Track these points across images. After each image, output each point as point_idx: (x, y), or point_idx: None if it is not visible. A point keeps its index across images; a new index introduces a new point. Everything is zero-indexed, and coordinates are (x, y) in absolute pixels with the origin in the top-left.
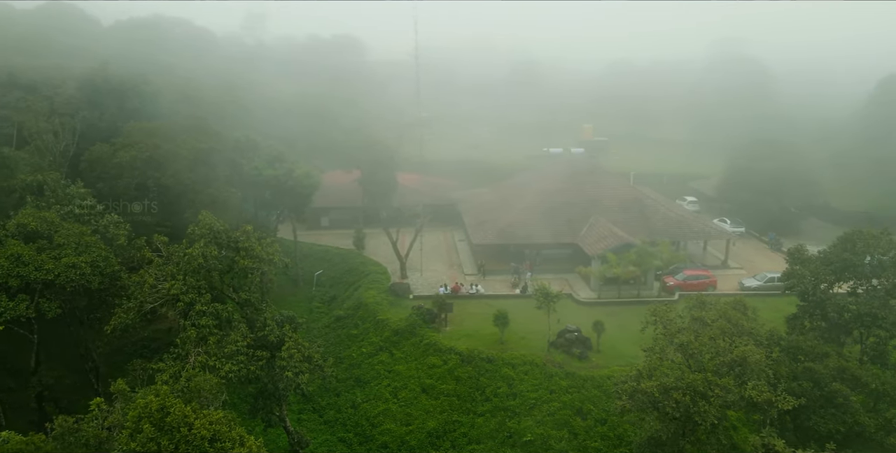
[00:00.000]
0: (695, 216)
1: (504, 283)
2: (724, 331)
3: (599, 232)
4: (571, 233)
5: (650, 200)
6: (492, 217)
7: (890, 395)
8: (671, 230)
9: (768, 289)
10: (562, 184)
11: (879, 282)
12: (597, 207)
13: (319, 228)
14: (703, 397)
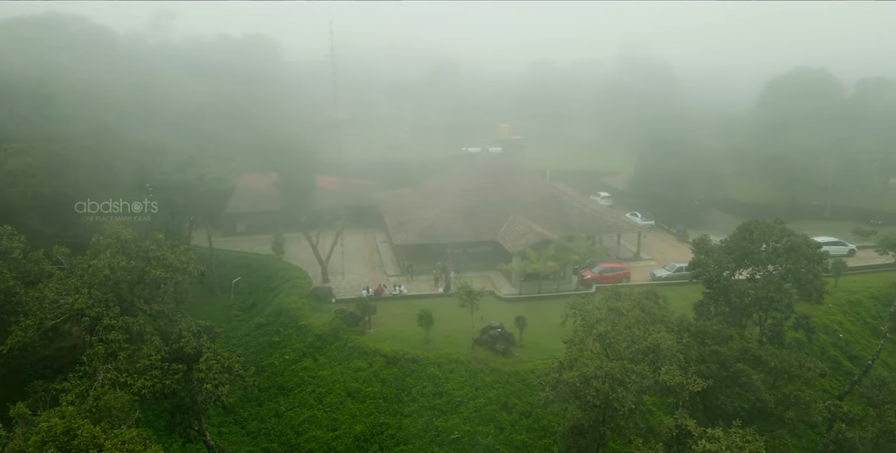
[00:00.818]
0: (608, 211)
1: (428, 283)
2: (638, 320)
3: (519, 229)
4: (492, 231)
5: (567, 197)
6: (413, 217)
7: (787, 372)
8: (587, 225)
9: (677, 279)
10: (481, 182)
11: (774, 268)
12: (516, 205)
13: (236, 234)
14: (621, 384)
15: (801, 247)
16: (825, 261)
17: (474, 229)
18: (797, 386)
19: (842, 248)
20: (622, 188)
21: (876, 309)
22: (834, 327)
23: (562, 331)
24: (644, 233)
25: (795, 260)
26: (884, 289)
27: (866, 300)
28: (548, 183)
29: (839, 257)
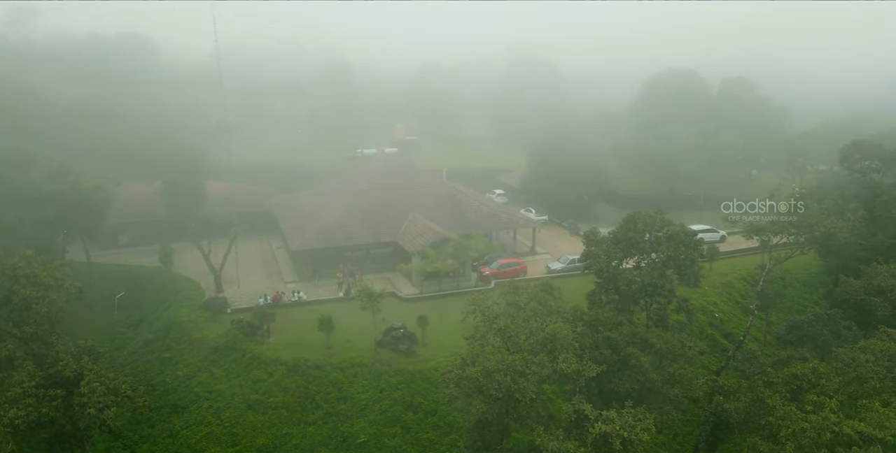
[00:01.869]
0: (504, 207)
1: (331, 288)
2: (535, 312)
3: (418, 228)
4: (391, 232)
5: (463, 195)
6: (310, 221)
7: (672, 353)
8: (484, 222)
9: (571, 270)
10: (378, 184)
11: (657, 256)
12: (413, 205)
13: (117, 246)
14: (522, 375)
15: (679, 236)
16: (701, 248)
17: (373, 231)
18: (681, 365)
19: (714, 235)
20: (516, 185)
21: (745, 289)
22: (710, 308)
23: (463, 327)
24: (538, 228)
25: (675, 247)
26: (751, 271)
27: (737, 281)
28: (444, 182)
29: (713, 243)
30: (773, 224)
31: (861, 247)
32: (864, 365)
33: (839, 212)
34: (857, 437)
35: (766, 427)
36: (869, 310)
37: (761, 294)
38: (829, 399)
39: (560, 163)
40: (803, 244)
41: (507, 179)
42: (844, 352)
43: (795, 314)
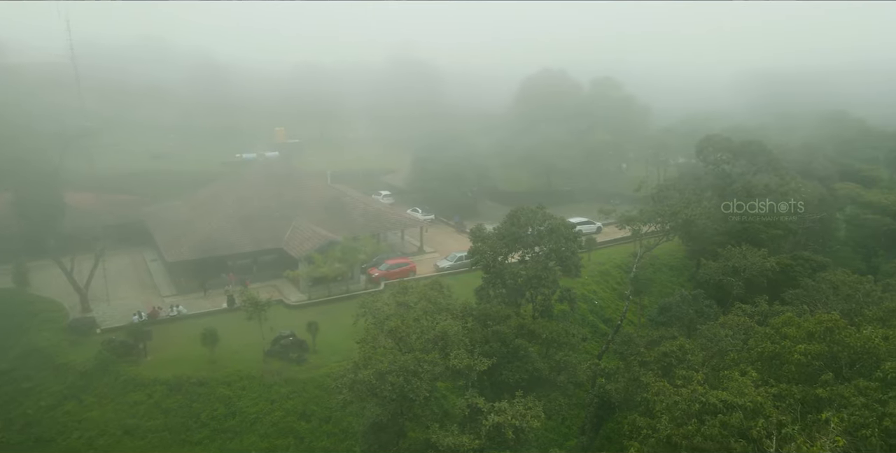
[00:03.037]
0: (391, 208)
1: (214, 299)
2: (426, 310)
3: (303, 233)
4: (276, 239)
5: (349, 198)
6: (188, 230)
7: (557, 341)
8: (371, 224)
9: (459, 267)
10: (260, 189)
11: (540, 249)
12: (298, 209)
13: None
14: (415, 375)
15: (559, 229)
16: (580, 239)
17: (256, 238)
18: (566, 353)
19: (591, 226)
20: (402, 185)
21: (621, 276)
22: (591, 296)
23: (354, 331)
24: (426, 228)
25: (556, 240)
26: (625, 259)
27: (613, 269)
28: (329, 185)
29: (590, 234)
30: (642, 214)
31: (717, 232)
32: (724, 340)
33: (697, 201)
34: (721, 405)
35: (643, 403)
36: (726, 289)
37: (635, 280)
38: (696, 372)
39: (444, 162)
40: (668, 231)
41: (393, 180)
42: (707, 329)
43: (665, 297)
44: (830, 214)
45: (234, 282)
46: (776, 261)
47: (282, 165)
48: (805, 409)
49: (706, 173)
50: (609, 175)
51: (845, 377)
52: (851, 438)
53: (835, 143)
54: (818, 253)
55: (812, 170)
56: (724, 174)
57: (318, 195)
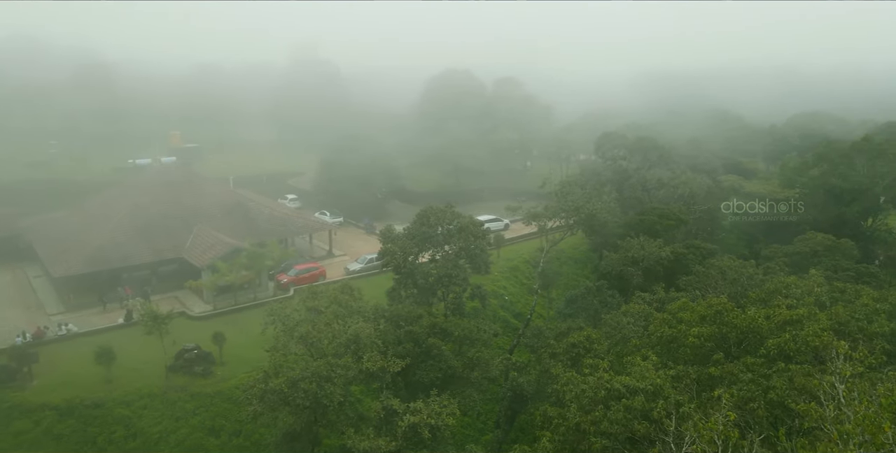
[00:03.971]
0: (298, 212)
1: (106, 316)
2: (337, 314)
3: (206, 241)
4: (176, 248)
5: (253, 203)
6: (76, 243)
7: (469, 338)
8: (277, 229)
9: (370, 270)
10: (156, 196)
11: (450, 247)
12: (199, 216)
13: None
14: (328, 380)
15: (468, 227)
16: (488, 237)
17: (155, 248)
18: (478, 349)
19: (499, 224)
20: (308, 188)
21: (529, 271)
22: (501, 292)
23: (264, 339)
24: (334, 231)
25: (466, 238)
26: (533, 254)
27: (522, 265)
28: (232, 190)
29: (498, 232)
30: (547, 210)
31: (617, 225)
32: (626, 327)
33: (598, 196)
34: (625, 390)
35: (554, 393)
36: (627, 279)
37: (542, 274)
38: (602, 360)
39: (351, 163)
40: (572, 226)
41: (299, 183)
42: (610, 318)
43: (571, 289)
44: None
45: (132, 296)
46: (671, 251)
47: (180, 171)
48: (700, 388)
49: (605, 169)
50: (515, 173)
51: (734, 355)
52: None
53: (718, 139)
54: (707, 241)
55: (699, 163)
56: (621, 169)
57: (220, 201)
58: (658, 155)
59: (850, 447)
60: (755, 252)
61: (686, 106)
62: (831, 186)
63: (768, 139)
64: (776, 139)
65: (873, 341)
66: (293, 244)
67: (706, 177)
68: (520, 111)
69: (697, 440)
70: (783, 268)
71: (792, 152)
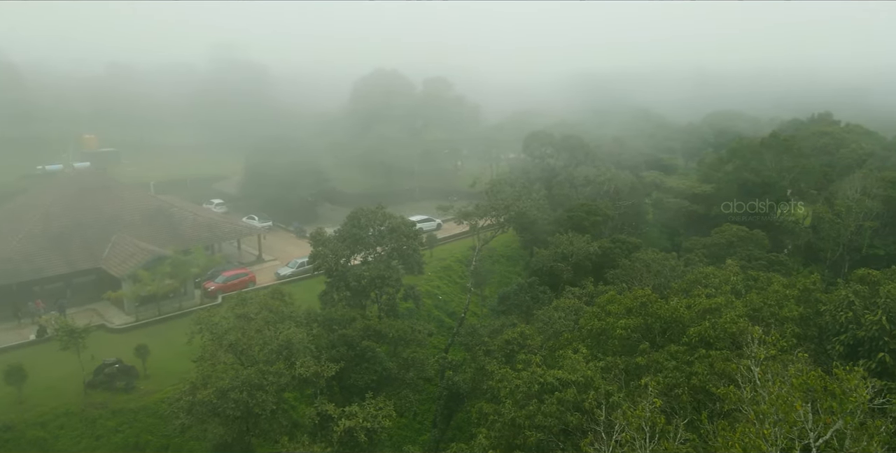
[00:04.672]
0: (224, 217)
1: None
2: (267, 321)
3: (125, 250)
4: (92, 258)
5: (176, 208)
6: None
7: (404, 339)
8: (203, 235)
9: (301, 274)
10: (70, 203)
11: (382, 249)
12: (118, 224)
13: None
14: (260, 388)
15: (400, 227)
16: (421, 237)
17: (69, 258)
18: (413, 349)
19: (432, 224)
20: (235, 192)
21: (462, 270)
22: (435, 292)
23: (191, 349)
24: (263, 235)
25: (398, 239)
26: (465, 253)
27: (455, 264)
28: (153, 196)
29: (431, 231)
30: (478, 208)
31: (546, 222)
32: (557, 322)
33: (527, 194)
34: (558, 383)
35: (489, 390)
36: (558, 274)
37: (475, 272)
38: (535, 355)
39: (279, 166)
40: (503, 224)
41: (225, 187)
42: (542, 313)
43: (504, 286)
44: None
45: (44, 310)
46: (598, 246)
47: (95, 176)
48: (628, 377)
49: (534, 167)
50: (446, 173)
51: (659, 345)
52: (667, 398)
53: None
54: (632, 235)
55: (623, 160)
56: (549, 167)
57: (140, 207)
58: (584, 153)
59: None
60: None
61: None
62: (744, 180)
63: (686, 136)
64: (693, 136)
65: (784, 325)
66: (220, 250)
67: (630, 174)
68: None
69: (626, 427)
70: (702, 259)
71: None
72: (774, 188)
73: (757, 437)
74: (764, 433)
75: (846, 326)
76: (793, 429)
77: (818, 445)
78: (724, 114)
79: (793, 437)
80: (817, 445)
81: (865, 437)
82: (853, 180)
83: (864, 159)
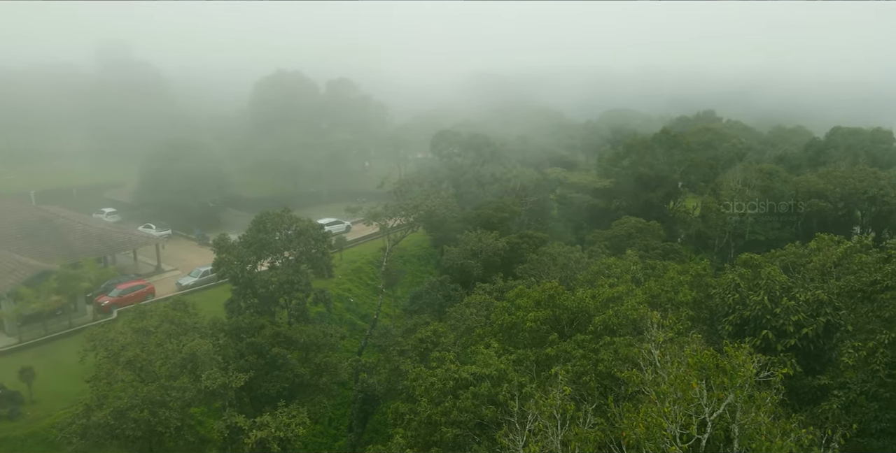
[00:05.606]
0: (117, 227)
1: None
2: (169, 333)
3: (4, 266)
4: None
5: (62, 219)
6: None
7: (316, 344)
8: (94, 247)
9: (205, 283)
10: None
11: (290, 253)
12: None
13: None
14: (163, 405)
15: (308, 231)
16: (329, 240)
17: None
18: (325, 354)
19: (341, 226)
20: (129, 201)
21: (373, 271)
22: (346, 294)
23: (84, 369)
24: (162, 244)
25: (306, 242)
26: (376, 254)
27: (365, 266)
28: (35, 207)
29: (340, 234)
30: (387, 209)
31: (456, 220)
32: (469, 318)
33: (436, 193)
34: (472, 378)
35: (404, 390)
36: (468, 271)
37: (386, 273)
38: (449, 352)
39: (177, 171)
40: (413, 223)
41: (118, 195)
42: (455, 311)
43: (415, 286)
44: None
45: None
46: (507, 241)
47: None
48: (539, 368)
49: (441, 166)
50: (354, 174)
51: (567, 335)
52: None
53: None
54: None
55: (528, 158)
56: (456, 166)
57: (19, 219)
58: (490, 151)
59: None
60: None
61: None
62: (640, 175)
63: (586, 133)
64: (592, 134)
65: (680, 309)
66: (114, 262)
67: (535, 171)
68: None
69: (539, 417)
70: (604, 250)
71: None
72: (667, 181)
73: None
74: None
75: (734, 307)
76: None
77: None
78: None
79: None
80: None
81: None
82: (735, 172)
83: (743, 153)
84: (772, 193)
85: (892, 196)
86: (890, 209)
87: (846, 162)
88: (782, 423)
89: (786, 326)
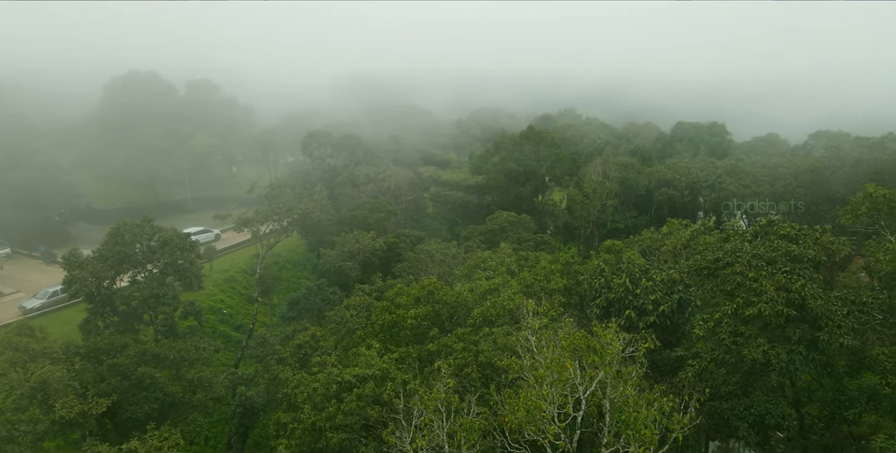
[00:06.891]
0: None
1: None
2: (14, 362)
3: None
4: None
5: None
6: None
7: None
8: None
9: (55, 304)
10: None
11: (154, 265)
12: None
13: None
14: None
15: (173, 240)
16: (197, 249)
17: None
18: (199, 369)
19: (209, 235)
20: None
21: (247, 280)
22: (218, 306)
23: None
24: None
25: (171, 253)
26: (249, 262)
27: (238, 274)
28: None
29: (209, 243)
30: (259, 214)
31: (331, 222)
32: (350, 320)
33: (309, 195)
34: (355, 380)
35: (285, 398)
36: (346, 273)
37: (260, 281)
38: (330, 356)
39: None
40: (286, 228)
41: None
42: (334, 314)
43: (292, 292)
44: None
45: None
46: (384, 241)
47: None
48: (422, 364)
49: (314, 168)
50: (221, 179)
51: (448, 329)
52: (458, 378)
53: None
54: (415, 228)
55: (401, 157)
56: (329, 167)
57: None
58: (363, 151)
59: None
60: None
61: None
62: (509, 170)
63: (456, 132)
64: (463, 132)
65: (552, 296)
66: None
67: (408, 170)
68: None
69: (424, 411)
70: (480, 245)
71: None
72: (535, 176)
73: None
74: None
75: (600, 291)
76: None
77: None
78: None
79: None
80: (585, 397)
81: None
82: (595, 166)
83: (602, 147)
84: (628, 184)
85: (728, 183)
86: (726, 194)
87: (689, 153)
88: (646, 395)
89: (645, 305)
